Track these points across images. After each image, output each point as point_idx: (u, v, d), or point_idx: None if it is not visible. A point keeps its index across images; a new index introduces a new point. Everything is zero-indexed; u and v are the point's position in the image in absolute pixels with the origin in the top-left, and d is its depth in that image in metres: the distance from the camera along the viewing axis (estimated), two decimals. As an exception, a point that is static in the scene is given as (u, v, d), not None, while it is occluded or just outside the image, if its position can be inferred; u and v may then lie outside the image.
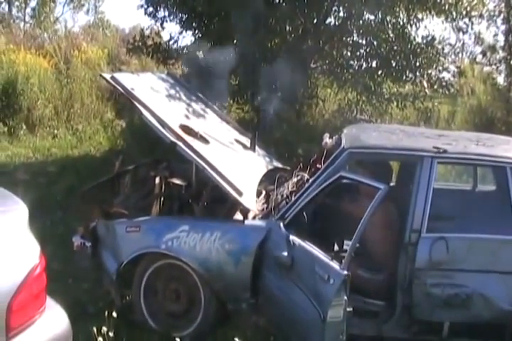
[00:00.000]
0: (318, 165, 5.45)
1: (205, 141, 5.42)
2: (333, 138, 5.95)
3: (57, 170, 9.34)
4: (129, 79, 5.48)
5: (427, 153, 4.95)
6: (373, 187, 4.55)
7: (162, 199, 5.55)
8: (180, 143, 5.10)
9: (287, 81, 10.57)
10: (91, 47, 12.45)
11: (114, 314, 4.75)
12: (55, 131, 10.82)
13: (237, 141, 6.15)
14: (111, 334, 4.36)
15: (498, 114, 11.61)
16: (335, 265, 4.27)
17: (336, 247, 5.84)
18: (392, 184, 5.64)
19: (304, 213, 4.98)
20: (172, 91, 6.26)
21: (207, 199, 5.44)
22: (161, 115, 5.22)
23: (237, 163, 5.60)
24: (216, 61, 9.21)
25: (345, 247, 5.79)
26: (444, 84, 11.05)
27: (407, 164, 5.71)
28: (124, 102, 11.06)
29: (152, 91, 5.72)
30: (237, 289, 5.01)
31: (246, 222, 5.09)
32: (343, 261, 4.29)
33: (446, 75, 11.14)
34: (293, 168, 6.06)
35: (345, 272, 4.18)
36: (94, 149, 10.38)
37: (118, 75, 5.49)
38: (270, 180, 5.81)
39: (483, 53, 12.37)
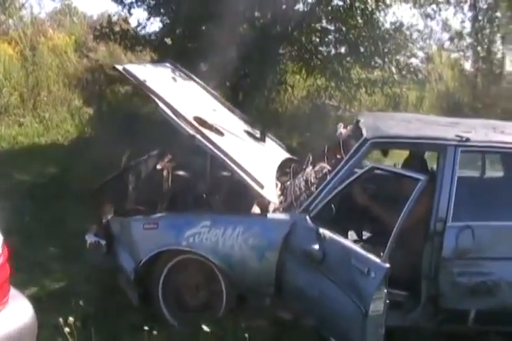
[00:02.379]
0: (338, 156, 5.37)
1: (220, 133, 5.28)
2: (348, 127, 5.87)
3: (25, 159, 9.07)
4: (139, 71, 5.29)
5: (450, 141, 4.92)
6: (412, 179, 4.50)
7: (174, 193, 5.40)
8: (198, 136, 4.94)
9: (256, 67, 10.49)
10: (58, 34, 12.08)
11: (81, 303, 4.75)
12: (21, 119, 10.47)
13: (247, 132, 6.02)
14: (78, 324, 4.29)
15: (465, 100, 11.77)
16: (375, 258, 4.22)
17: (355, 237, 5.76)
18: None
19: (332, 205, 4.89)
20: (179, 82, 6.09)
21: (226, 193, 5.30)
22: (176, 107, 5.04)
23: (253, 155, 5.48)
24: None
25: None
26: (412, 69, 11.11)
27: (418, 153, 5.68)
28: (91, 90, 10.82)
29: (162, 82, 5.54)
30: (261, 284, 4.91)
31: (269, 215, 4.97)
32: (381, 253, 4.24)
33: (414, 61, 11.23)
34: (302, 159, 5.98)
35: (387, 265, 4.14)
36: (61, 137, 10.12)
37: (129, 67, 5.29)
38: (281, 171, 5.71)
39: (451, 40, 12.51)
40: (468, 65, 12.62)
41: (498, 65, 12.18)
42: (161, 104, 5.01)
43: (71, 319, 4.13)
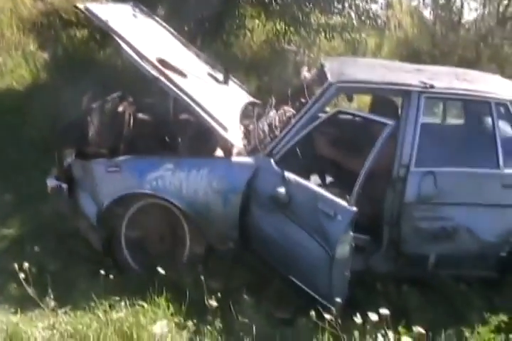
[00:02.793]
0: (302, 100, 5.34)
1: (183, 75, 5.17)
2: (312, 71, 5.82)
3: (-22, 106, 8.76)
4: (101, 10, 5.12)
5: (414, 87, 4.93)
6: (379, 123, 4.51)
7: (136, 136, 5.31)
8: (162, 78, 4.84)
9: (214, 12, 10.29)
10: (9, -25, 11.59)
11: (37, 249, 4.82)
12: (-26, 65, 10.09)
13: (210, 75, 5.91)
14: (33, 269, 4.27)
15: (423, 47, 11.76)
16: (342, 201, 4.24)
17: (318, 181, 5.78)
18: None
19: (297, 149, 4.87)
20: (142, 23, 5.92)
21: (190, 136, 5.23)
22: (139, 48, 4.91)
23: (216, 98, 5.40)
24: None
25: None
26: (371, 16, 10.99)
27: (381, 98, 5.68)
28: (47, 34, 10.49)
29: (125, 23, 5.37)
30: (224, 228, 4.92)
31: (233, 158, 4.94)
32: (348, 197, 4.26)
33: (374, 7, 11.07)
34: (265, 102, 5.92)
35: (354, 208, 4.18)
36: (16, 83, 9.77)
37: (91, 6, 5.11)
38: (244, 114, 5.66)
39: (411, -14, 12.45)
40: (427, 13, 12.60)
41: (456, 13, 12.19)
42: (124, 45, 4.87)
43: (26, 264, 4.09)
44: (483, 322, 4.25)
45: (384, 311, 3.70)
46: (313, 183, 4.56)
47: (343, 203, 4.24)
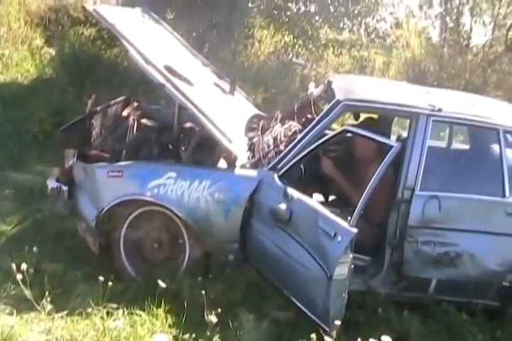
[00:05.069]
0: (308, 116, 5.30)
1: (190, 83, 5.12)
2: (319, 87, 5.79)
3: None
4: (110, 13, 5.07)
5: (422, 110, 4.91)
6: (384, 145, 4.48)
7: (139, 142, 5.26)
8: (168, 85, 4.79)
9: (224, 19, 10.29)
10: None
11: (35, 249, 4.63)
12: (-21, 57, 10.05)
13: (217, 85, 5.88)
14: (31, 270, 4.18)
15: (431, 68, 11.77)
16: (343, 222, 4.19)
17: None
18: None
19: (301, 166, 4.83)
20: (150, 28, 5.88)
21: (194, 145, 5.17)
22: (146, 54, 4.86)
23: (222, 108, 5.36)
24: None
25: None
26: (380, 34, 11.04)
27: (386, 119, 5.64)
28: (54, 30, 10.44)
29: (133, 27, 5.31)
30: (225, 240, 4.86)
31: (236, 170, 4.89)
32: (349, 217, 4.22)
33: (383, 25, 11.11)
34: (270, 116, 5.88)
35: (355, 230, 4.13)
36: (21, 76, 9.74)
37: (100, 8, 5.06)
38: (249, 126, 5.62)
39: (420, 7, 12.42)
40: (435, 34, 12.60)
41: (465, 36, 12.19)
42: (131, 50, 4.81)
43: (24, 266, 3.97)
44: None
45: (385, 339, 3.65)
46: (315, 201, 4.51)
47: (344, 224, 4.18)
